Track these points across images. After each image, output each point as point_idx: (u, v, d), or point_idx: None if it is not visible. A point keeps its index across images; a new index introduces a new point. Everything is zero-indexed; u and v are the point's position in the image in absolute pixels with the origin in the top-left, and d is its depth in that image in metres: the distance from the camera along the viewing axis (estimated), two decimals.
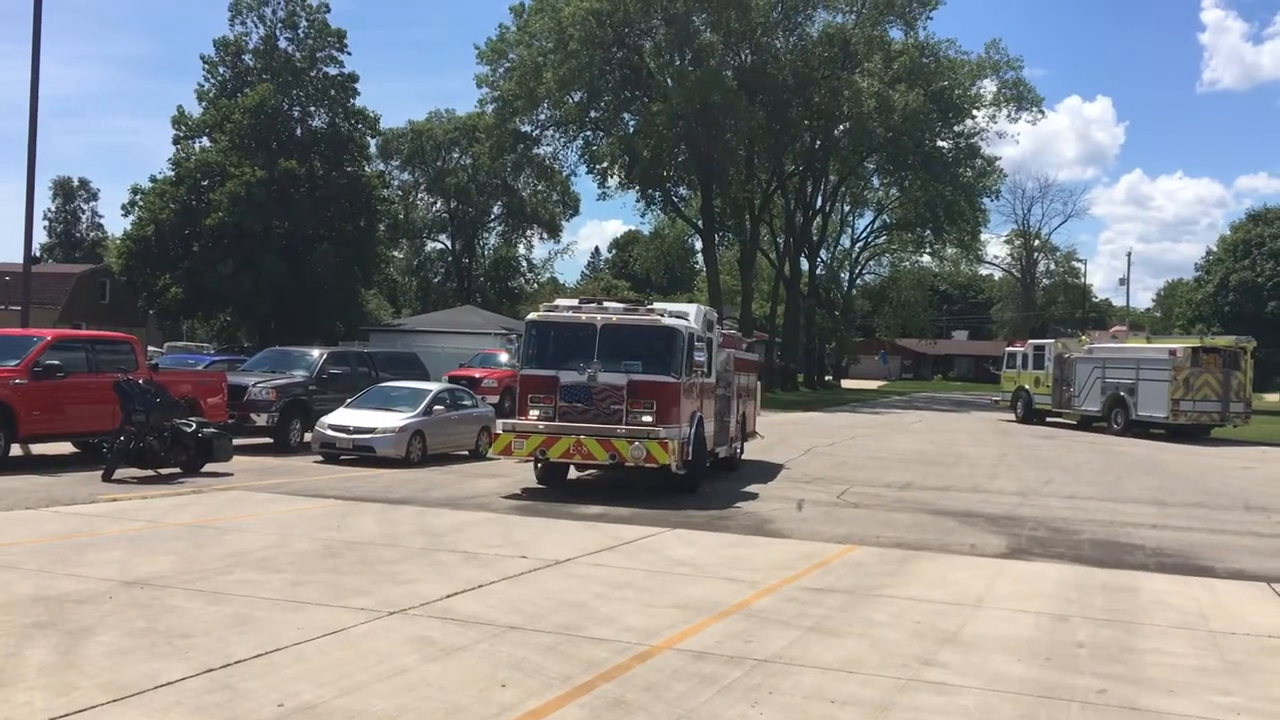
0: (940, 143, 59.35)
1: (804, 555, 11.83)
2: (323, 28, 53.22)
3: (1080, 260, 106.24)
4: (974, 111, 60.39)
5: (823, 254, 75.57)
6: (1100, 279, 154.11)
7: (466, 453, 21.66)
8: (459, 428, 21.64)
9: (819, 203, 68.23)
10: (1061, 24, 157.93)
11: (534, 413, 16.11)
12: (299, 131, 53.41)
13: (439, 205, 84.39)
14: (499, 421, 17.29)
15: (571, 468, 17.80)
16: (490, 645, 7.59)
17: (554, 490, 17.02)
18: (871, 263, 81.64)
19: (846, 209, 75.66)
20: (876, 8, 57.16)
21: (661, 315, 16.77)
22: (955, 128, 59.95)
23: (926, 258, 77.49)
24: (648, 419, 15.83)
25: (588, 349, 16.09)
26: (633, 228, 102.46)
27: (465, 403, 22.50)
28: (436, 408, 20.97)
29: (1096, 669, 7.61)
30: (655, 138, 52.27)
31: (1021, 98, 61.63)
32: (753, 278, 65.42)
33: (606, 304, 17.92)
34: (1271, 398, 65.61)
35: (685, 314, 17.27)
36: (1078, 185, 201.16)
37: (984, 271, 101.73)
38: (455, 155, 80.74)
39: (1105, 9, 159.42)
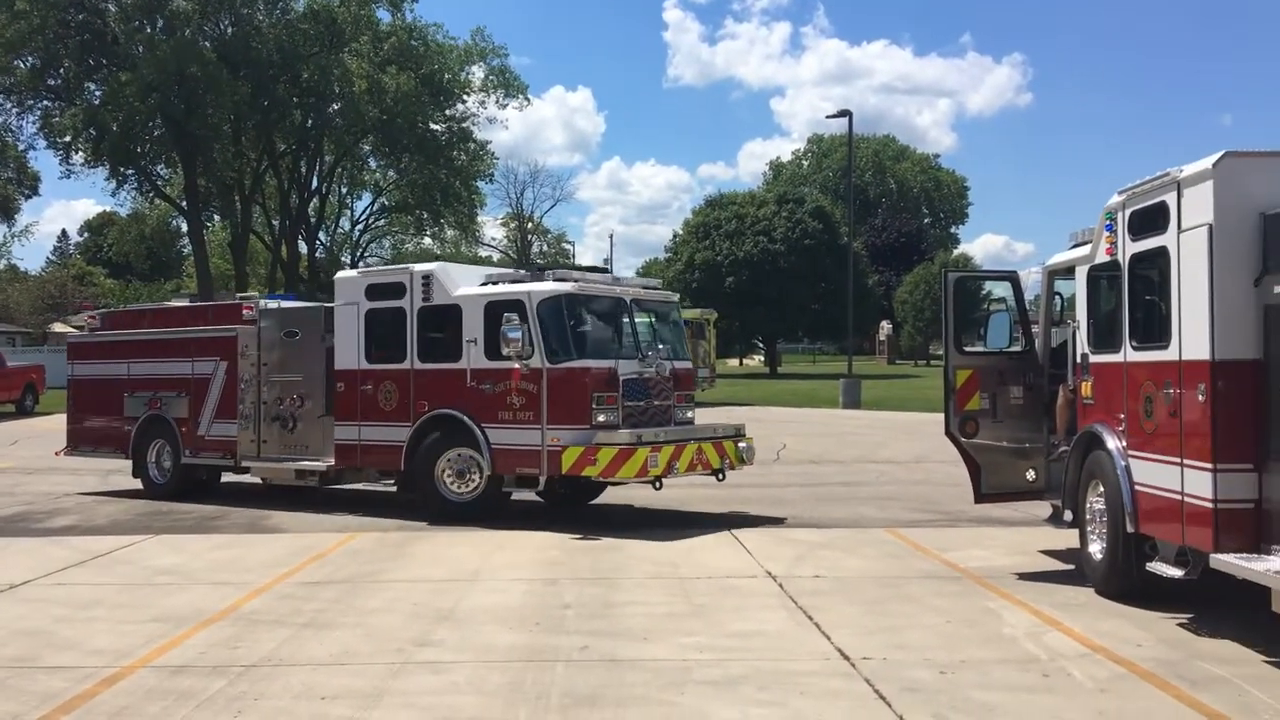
0: (434, 126, 59.87)
1: (301, 549, 11.41)
2: None
3: (570, 242, 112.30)
4: (464, 96, 61.47)
5: (322, 236, 73.51)
6: (588, 259, 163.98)
7: None
8: None
9: (315, 184, 66.21)
10: (541, 15, 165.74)
11: (600, 418, 12.36)
12: None
13: None
14: (622, 432, 12.25)
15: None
16: None
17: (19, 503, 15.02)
18: (373, 245, 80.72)
19: (345, 190, 74.18)
20: None
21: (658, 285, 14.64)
22: (447, 111, 60.69)
23: (428, 240, 78.04)
24: (690, 415, 13.66)
25: (619, 331, 13.13)
26: (108, 208, 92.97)
27: None
28: None
29: (581, 627, 8.06)
30: (126, 110, 47.77)
31: (508, 85, 63.70)
32: (247, 262, 62.26)
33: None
34: (731, 362, 74.16)
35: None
36: (566, 171, 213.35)
37: (483, 253, 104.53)
38: None
39: (579, 1, 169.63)
